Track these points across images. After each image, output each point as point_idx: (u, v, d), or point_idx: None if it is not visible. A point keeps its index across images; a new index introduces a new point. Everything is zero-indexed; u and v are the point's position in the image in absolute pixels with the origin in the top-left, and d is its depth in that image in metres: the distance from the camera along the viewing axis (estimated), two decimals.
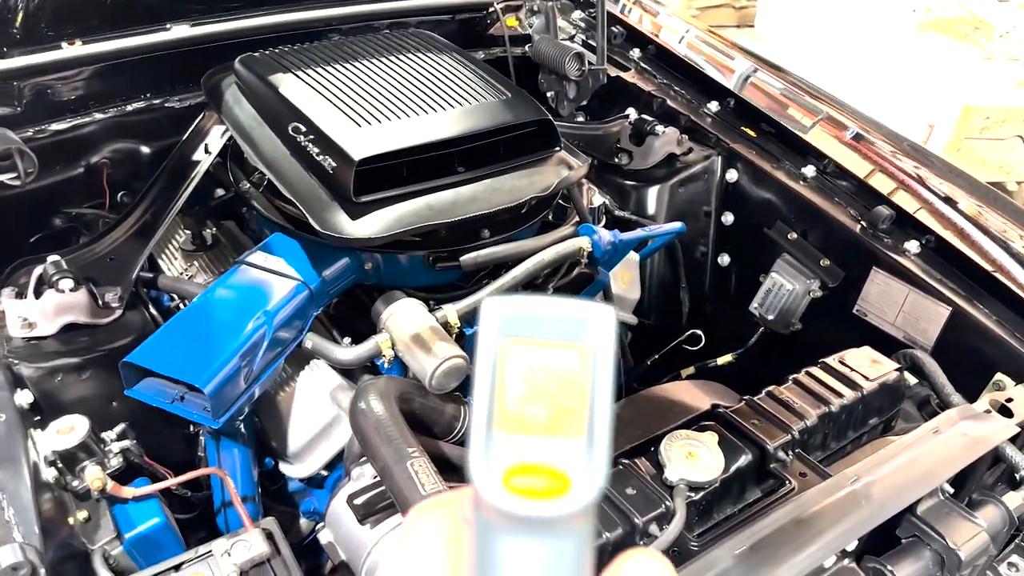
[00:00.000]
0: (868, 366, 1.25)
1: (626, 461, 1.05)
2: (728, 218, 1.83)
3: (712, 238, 1.86)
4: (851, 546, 1.02)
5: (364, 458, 1.25)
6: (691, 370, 1.78)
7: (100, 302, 1.30)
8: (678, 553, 0.99)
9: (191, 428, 1.34)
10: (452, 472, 1.32)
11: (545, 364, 0.33)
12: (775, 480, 1.09)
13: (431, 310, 1.32)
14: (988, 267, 1.46)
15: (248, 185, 1.45)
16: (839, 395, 1.19)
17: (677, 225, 1.69)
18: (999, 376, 1.40)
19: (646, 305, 1.87)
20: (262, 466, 1.38)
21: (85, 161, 1.68)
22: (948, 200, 1.57)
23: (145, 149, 1.72)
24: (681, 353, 1.83)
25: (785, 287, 1.67)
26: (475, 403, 0.33)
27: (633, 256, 1.71)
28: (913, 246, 1.55)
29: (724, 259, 1.84)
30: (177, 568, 1.05)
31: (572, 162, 1.48)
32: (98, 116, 1.69)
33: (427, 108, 1.39)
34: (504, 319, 0.33)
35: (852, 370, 1.25)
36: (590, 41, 2.11)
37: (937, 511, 1.13)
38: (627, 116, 1.88)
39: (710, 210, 1.85)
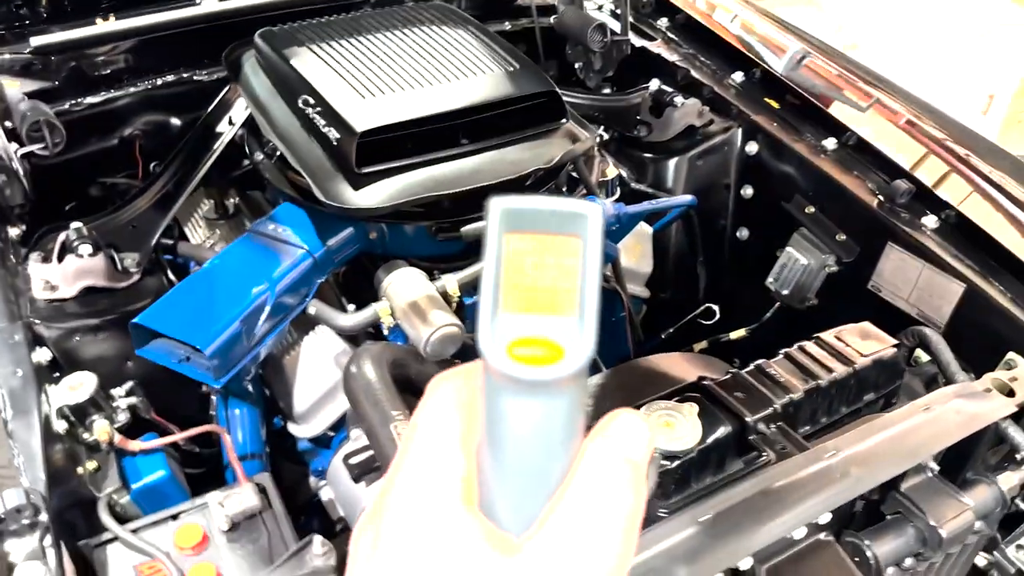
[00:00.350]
0: (864, 342, 1.24)
1: None
2: (748, 191, 1.81)
3: (731, 211, 1.84)
4: (824, 519, 1.02)
5: None
6: (704, 344, 1.78)
7: (119, 267, 1.37)
8: (645, 520, 1.01)
9: (203, 388, 1.41)
10: None
11: (542, 252, 0.38)
12: (756, 452, 1.10)
13: (432, 279, 1.35)
14: (1007, 244, 1.42)
15: (261, 156, 1.50)
16: (829, 370, 1.18)
17: (688, 198, 1.68)
18: (1011, 355, 1.36)
19: (663, 279, 1.87)
20: (271, 425, 1.44)
21: (119, 133, 1.76)
22: (975, 172, 1.53)
23: (176, 121, 1.79)
24: (696, 327, 1.82)
25: (800, 262, 1.65)
26: (482, 286, 0.37)
27: (646, 229, 1.71)
28: (931, 221, 1.51)
29: (743, 233, 1.82)
30: (175, 517, 1.12)
31: (580, 134, 1.48)
32: (131, 90, 1.76)
33: (434, 80, 1.41)
34: (507, 213, 0.37)
35: (847, 345, 1.23)
36: (617, 10, 2.10)
37: (923, 488, 1.12)
38: (647, 88, 1.87)
39: (729, 183, 1.83)
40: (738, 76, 1.88)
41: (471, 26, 1.61)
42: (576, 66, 2.07)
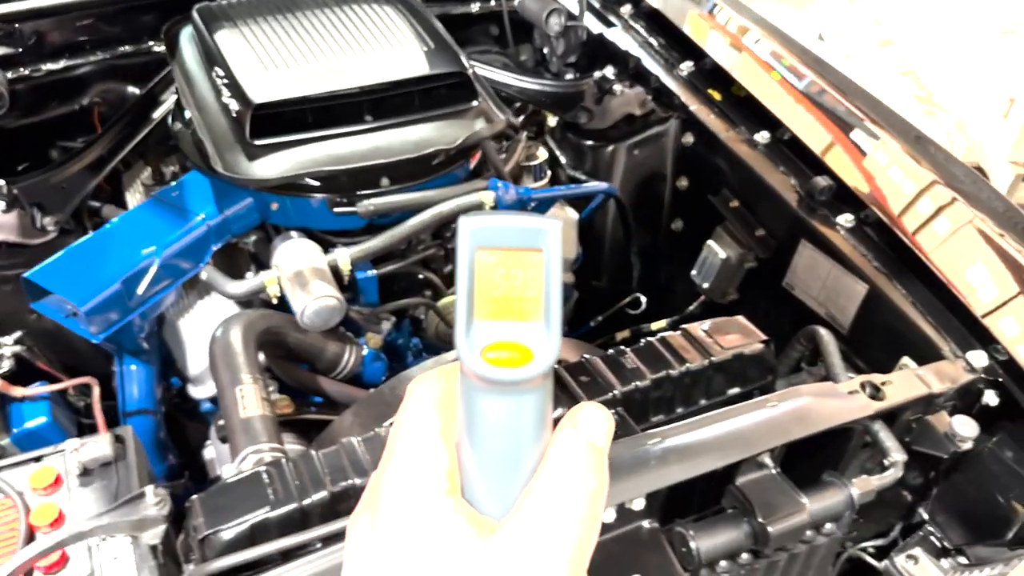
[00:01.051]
0: (730, 336, 1.23)
1: None
2: (683, 183, 1.79)
3: (668, 202, 1.83)
4: (638, 504, 1.02)
5: None
6: (626, 333, 1.78)
7: (38, 224, 1.44)
8: None
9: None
10: (331, 407, 1.40)
11: (510, 265, 0.43)
12: None
13: (327, 253, 1.39)
14: (912, 246, 1.38)
15: (180, 126, 1.55)
16: (684, 361, 1.18)
17: (603, 185, 1.68)
18: (904, 360, 1.34)
19: (597, 267, 1.87)
20: (172, 385, 1.50)
21: (79, 100, 1.84)
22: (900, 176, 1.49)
23: (134, 90, 1.86)
24: (625, 317, 1.82)
25: (719, 255, 1.63)
26: (458, 297, 0.43)
27: (571, 215, 1.71)
28: (847, 220, 1.48)
29: (678, 224, 1.81)
30: (38, 459, 1.18)
31: (493, 117, 1.49)
32: (91, 59, 1.84)
33: (344, 57, 1.44)
34: (476, 232, 0.43)
35: (710, 338, 1.22)
36: None
37: (760, 485, 1.11)
38: (592, 75, 1.86)
39: (666, 174, 1.81)
40: (687, 66, 1.86)
41: (402, 5, 1.63)
42: (544, 51, 2.08)
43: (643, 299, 1.80)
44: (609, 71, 1.92)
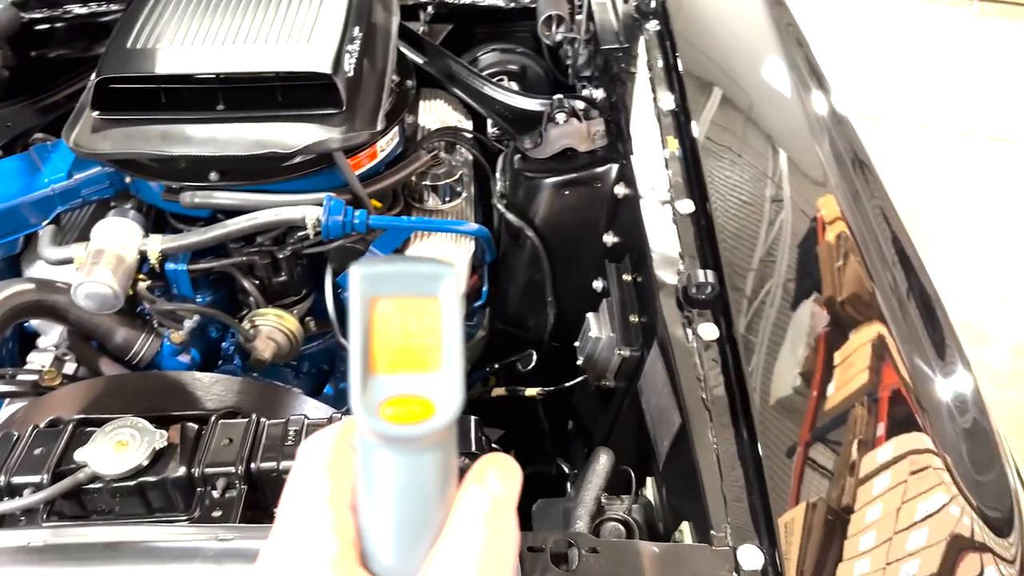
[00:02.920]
0: None
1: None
2: (608, 238, 1.53)
3: (593, 257, 1.57)
4: None
5: None
6: (502, 391, 1.58)
7: None
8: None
9: None
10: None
11: (405, 313, 0.41)
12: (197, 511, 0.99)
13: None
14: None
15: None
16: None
17: (472, 226, 1.48)
18: (683, 526, 1.05)
19: (504, 310, 1.68)
20: None
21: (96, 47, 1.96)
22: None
23: None
24: (514, 371, 1.62)
25: (591, 333, 1.38)
26: (351, 350, 0.41)
27: (459, 252, 1.53)
28: (709, 332, 1.18)
29: (598, 284, 1.55)
30: None
31: (355, 128, 1.37)
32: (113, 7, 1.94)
33: (214, 40, 1.39)
34: (369, 279, 0.41)
35: None
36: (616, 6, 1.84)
37: None
38: (553, 97, 1.63)
39: (598, 224, 1.56)
40: (667, 102, 1.57)
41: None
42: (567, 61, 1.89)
43: (534, 356, 1.58)
44: (599, 93, 1.69)
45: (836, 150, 1.47)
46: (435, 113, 1.81)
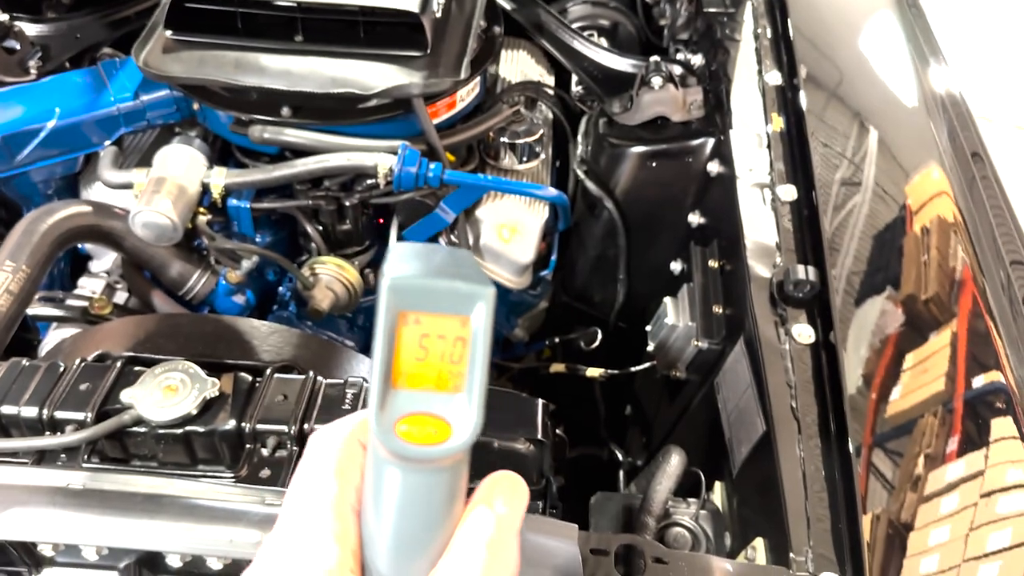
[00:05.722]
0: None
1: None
2: (695, 218, 1.42)
3: (675, 236, 1.47)
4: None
5: None
6: (561, 368, 1.50)
7: (22, 64, 1.51)
8: None
9: None
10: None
11: (434, 331, 0.40)
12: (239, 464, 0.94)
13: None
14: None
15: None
16: None
17: (552, 192, 1.38)
18: (757, 541, 0.97)
19: (572, 282, 1.59)
20: None
21: None
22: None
23: None
24: (574, 347, 1.53)
25: (667, 320, 1.29)
26: (374, 362, 0.40)
27: (535, 216, 1.43)
28: (805, 335, 1.08)
29: (676, 266, 1.45)
30: None
31: (439, 74, 1.28)
32: None
33: None
34: (401, 292, 0.40)
35: None
36: None
37: None
38: (649, 60, 1.52)
39: (684, 202, 1.45)
40: (774, 76, 1.44)
41: None
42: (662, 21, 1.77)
43: (599, 334, 1.49)
44: (698, 60, 1.56)
45: (954, 139, 1.34)
46: (517, 65, 1.71)
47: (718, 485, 1.11)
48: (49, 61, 1.52)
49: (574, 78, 1.69)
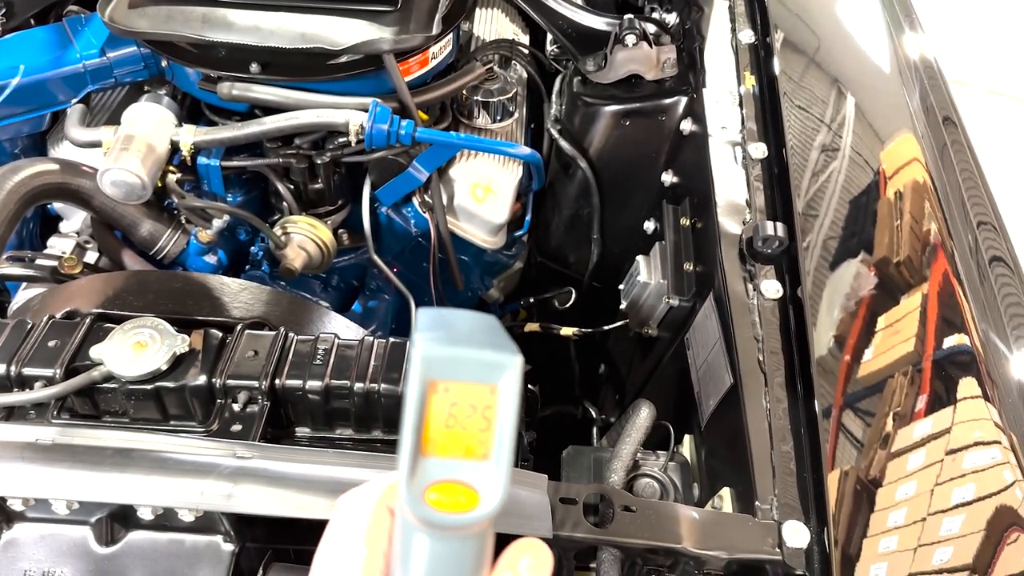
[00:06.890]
0: None
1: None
2: (667, 177, 1.43)
3: (648, 195, 1.47)
4: (185, 516, 0.85)
5: None
6: (536, 327, 1.51)
7: None
8: None
9: None
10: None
11: (463, 399, 0.41)
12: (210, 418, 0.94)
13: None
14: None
15: None
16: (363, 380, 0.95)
17: (525, 150, 1.38)
18: (724, 491, 0.98)
19: (545, 243, 1.59)
20: None
21: None
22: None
23: None
24: (549, 306, 1.54)
25: (639, 277, 1.30)
26: (404, 431, 0.41)
27: (509, 176, 1.43)
28: (772, 290, 1.09)
29: (649, 225, 1.46)
30: None
31: (410, 30, 1.27)
32: None
33: None
34: (431, 362, 0.41)
35: None
36: None
37: None
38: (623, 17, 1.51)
39: (657, 160, 1.46)
40: (747, 35, 1.44)
41: None
42: None
43: (572, 294, 1.50)
44: (672, 18, 1.55)
45: (926, 103, 1.35)
46: (491, 23, 1.69)
47: (687, 438, 1.13)
48: (13, 18, 1.49)
49: (549, 38, 1.68)
